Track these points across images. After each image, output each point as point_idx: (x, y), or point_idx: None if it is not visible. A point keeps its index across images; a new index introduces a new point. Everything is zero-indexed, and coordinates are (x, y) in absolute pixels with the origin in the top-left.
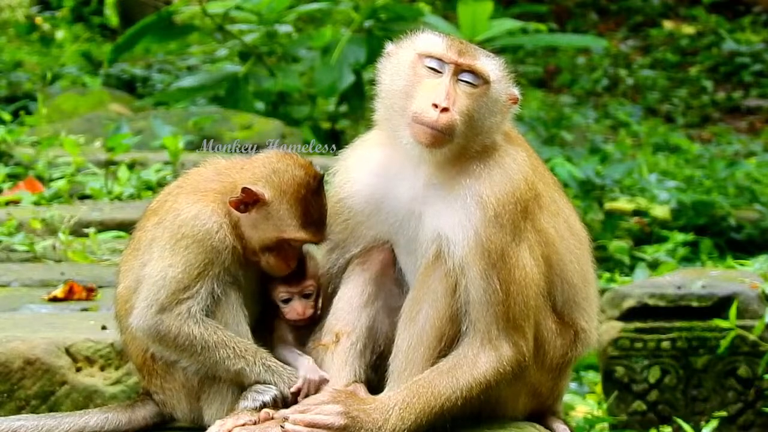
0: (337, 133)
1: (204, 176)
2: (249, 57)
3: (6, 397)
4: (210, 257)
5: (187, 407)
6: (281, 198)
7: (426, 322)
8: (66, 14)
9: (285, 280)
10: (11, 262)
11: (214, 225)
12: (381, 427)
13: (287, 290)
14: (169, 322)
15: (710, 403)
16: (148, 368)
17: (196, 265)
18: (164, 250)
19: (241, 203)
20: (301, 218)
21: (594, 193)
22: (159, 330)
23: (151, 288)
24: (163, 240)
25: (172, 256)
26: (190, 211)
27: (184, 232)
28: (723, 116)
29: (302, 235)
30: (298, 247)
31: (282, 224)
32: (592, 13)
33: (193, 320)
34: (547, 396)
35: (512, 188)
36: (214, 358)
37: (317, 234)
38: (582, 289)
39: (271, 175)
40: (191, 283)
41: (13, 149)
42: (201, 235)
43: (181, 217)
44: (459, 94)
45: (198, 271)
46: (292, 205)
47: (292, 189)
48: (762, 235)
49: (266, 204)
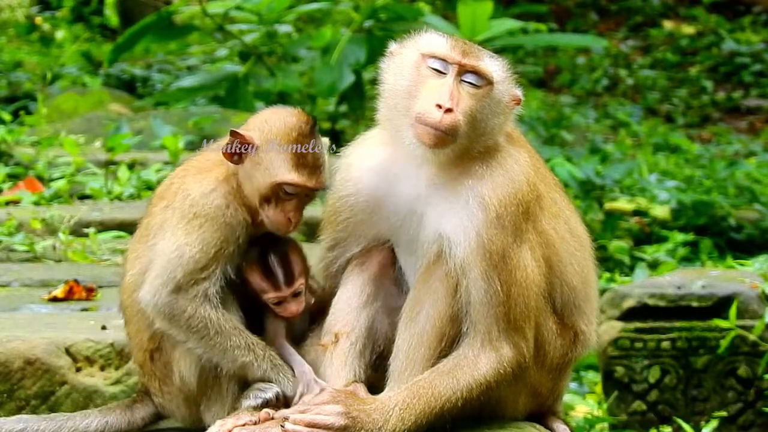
0: (337, 133)
1: (207, 157)
2: (249, 57)
3: (6, 397)
4: (225, 234)
5: (186, 411)
6: (272, 141)
7: (426, 323)
8: (66, 14)
9: (273, 284)
10: (11, 262)
11: (224, 201)
12: (381, 427)
13: (277, 295)
14: (184, 303)
15: (710, 403)
16: (148, 369)
17: (213, 244)
18: (177, 229)
19: (235, 153)
20: (292, 160)
21: (594, 193)
22: (173, 310)
23: (166, 266)
24: (174, 220)
25: (187, 235)
26: (199, 189)
27: (196, 211)
28: (723, 116)
29: (294, 178)
30: (298, 198)
31: (274, 168)
32: (592, 13)
33: (209, 303)
34: (547, 396)
35: (514, 189)
36: (225, 345)
37: (311, 177)
38: (582, 292)
39: (262, 123)
40: (209, 262)
41: (13, 149)
42: (213, 212)
43: (191, 196)
44: (462, 94)
45: (215, 250)
46: (281, 148)
47: (282, 132)
48: (762, 235)
49: (257, 148)
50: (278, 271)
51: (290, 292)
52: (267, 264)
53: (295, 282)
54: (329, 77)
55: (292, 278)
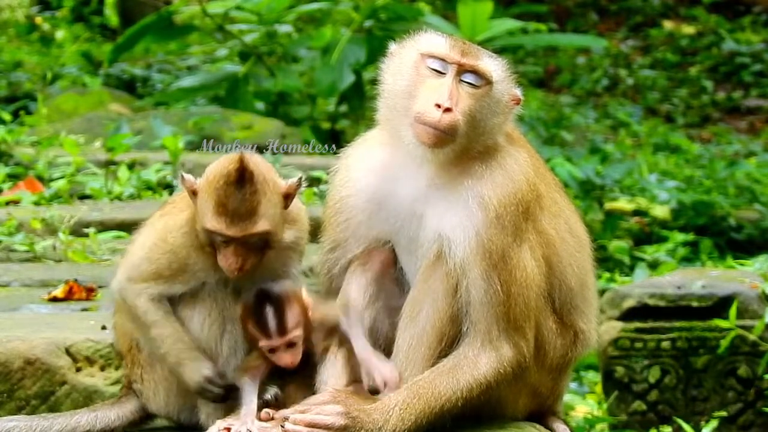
0: (337, 133)
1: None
2: (249, 57)
3: (6, 397)
4: (180, 267)
5: (163, 401)
6: (205, 186)
7: (426, 323)
8: (66, 14)
9: (264, 332)
10: (11, 262)
11: (182, 240)
12: (381, 427)
13: (269, 344)
14: (130, 290)
15: (710, 403)
16: (133, 356)
17: (165, 270)
18: (149, 240)
19: (191, 192)
20: (214, 206)
21: (594, 193)
22: (121, 294)
23: (131, 261)
24: (154, 230)
25: (151, 252)
26: (175, 220)
27: (165, 237)
28: (723, 116)
29: (214, 224)
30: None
31: (203, 212)
32: (592, 13)
33: (146, 296)
34: (547, 396)
35: (514, 189)
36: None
37: (231, 226)
38: (580, 292)
39: (209, 167)
40: (159, 278)
41: (13, 149)
42: (173, 248)
43: (170, 223)
44: (462, 94)
45: (169, 273)
46: (209, 193)
47: (213, 178)
48: (762, 235)
49: (197, 192)
50: (271, 319)
51: (282, 342)
52: (261, 310)
53: (288, 333)
54: (329, 77)
55: (285, 328)
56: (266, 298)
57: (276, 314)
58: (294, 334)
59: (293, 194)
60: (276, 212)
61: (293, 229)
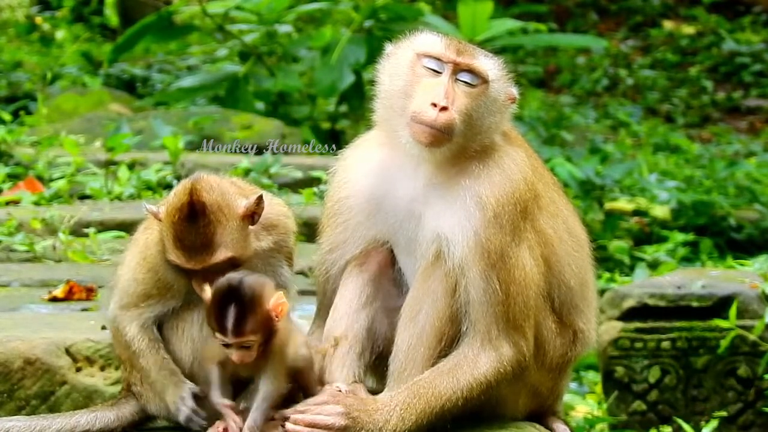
0: (337, 133)
1: None
2: (249, 57)
3: (6, 397)
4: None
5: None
6: (165, 220)
7: (426, 323)
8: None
9: (221, 329)
10: (11, 262)
11: (160, 258)
12: (382, 427)
13: (222, 339)
14: (122, 319)
15: (710, 403)
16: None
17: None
18: (133, 260)
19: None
20: (172, 241)
21: (594, 193)
22: (114, 323)
23: (121, 286)
24: (137, 248)
25: (136, 272)
26: (153, 236)
27: (146, 255)
28: (723, 116)
29: (174, 258)
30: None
31: (165, 245)
32: (592, 13)
33: (138, 324)
34: (547, 396)
35: (512, 189)
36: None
37: (190, 260)
38: (579, 292)
39: (169, 197)
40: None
41: (13, 149)
42: (153, 266)
43: (151, 237)
44: (458, 93)
45: (154, 292)
46: (168, 228)
47: (170, 212)
48: (762, 235)
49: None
50: (230, 318)
51: (235, 342)
52: (224, 306)
53: (243, 335)
54: (329, 77)
55: (242, 331)
56: (233, 295)
57: (236, 315)
58: (249, 338)
59: (256, 212)
60: (235, 237)
61: (272, 234)
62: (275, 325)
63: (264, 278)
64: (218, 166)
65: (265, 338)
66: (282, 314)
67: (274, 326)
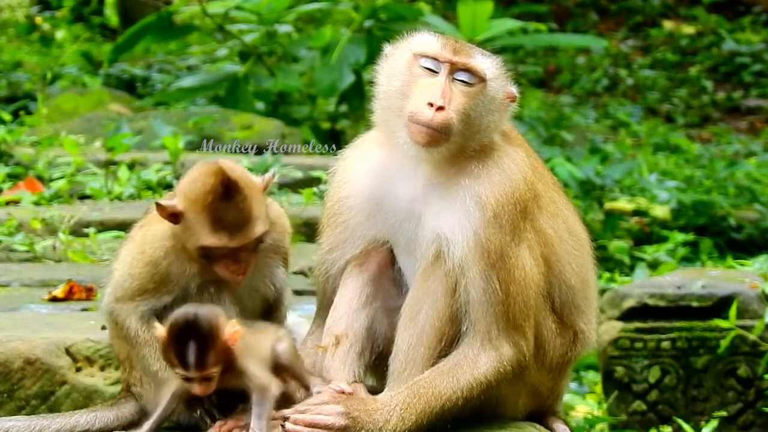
0: (337, 133)
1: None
2: (249, 57)
3: (6, 397)
4: (162, 277)
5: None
6: (192, 207)
7: (426, 322)
8: (66, 14)
9: (182, 364)
10: (11, 262)
11: (162, 252)
12: (382, 427)
13: (183, 373)
14: (119, 311)
15: (710, 403)
16: (131, 361)
17: (148, 281)
18: (129, 255)
19: (170, 216)
20: (211, 225)
21: (594, 193)
22: (112, 316)
23: (115, 280)
24: (133, 244)
25: (132, 267)
26: (154, 232)
27: (144, 249)
28: (723, 116)
29: (215, 241)
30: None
31: (197, 233)
32: (592, 13)
33: (136, 316)
34: (547, 396)
35: (511, 188)
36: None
37: (233, 238)
38: (580, 291)
39: (186, 186)
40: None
41: (13, 149)
42: (153, 260)
43: (148, 234)
44: (455, 92)
45: (151, 286)
46: (200, 213)
47: (200, 197)
48: (762, 235)
49: (183, 215)
50: (191, 353)
51: (198, 376)
52: (183, 341)
53: (206, 368)
54: (329, 77)
55: (204, 364)
56: (191, 329)
57: (197, 350)
58: (211, 371)
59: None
60: (264, 210)
61: (271, 232)
62: (233, 353)
63: (215, 308)
64: None
65: (225, 367)
66: (236, 342)
67: (232, 354)
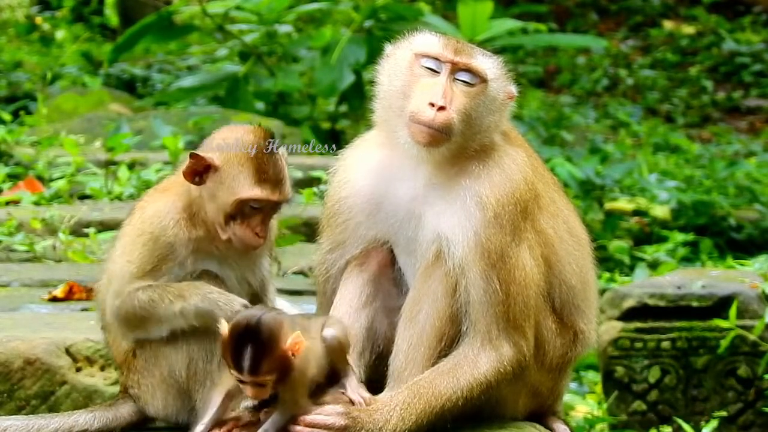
0: (337, 133)
1: (171, 178)
2: (249, 57)
3: (6, 397)
4: (164, 252)
5: (161, 403)
6: (231, 160)
7: (426, 322)
8: (66, 14)
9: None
10: (11, 262)
11: (171, 221)
12: (382, 427)
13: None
14: (124, 303)
15: (710, 403)
16: (128, 364)
17: (149, 261)
18: (125, 246)
19: (195, 173)
20: (253, 176)
21: (594, 193)
22: (119, 313)
23: (113, 282)
24: (127, 236)
25: (131, 252)
26: (153, 208)
27: (144, 228)
28: (723, 116)
29: (257, 193)
30: (263, 213)
31: (236, 185)
32: (592, 13)
33: (141, 291)
34: (547, 396)
35: (512, 189)
36: (161, 310)
37: (274, 190)
38: (580, 291)
39: (220, 142)
40: (144, 275)
41: (13, 149)
42: (157, 231)
43: (144, 214)
44: (456, 92)
45: (151, 266)
46: (242, 165)
47: (242, 150)
48: (762, 235)
49: (217, 169)
50: (247, 358)
51: (251, 381)
52: (241, 344)
53: (259, 375)
54: (329, 77)
55: (258, 370)
56: (251, 333)
57: (253, 355)
58: (265, 378)
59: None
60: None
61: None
62: (291, 364)
63: (281, 316)
64: None
65: (281, 376)
66: (299, 352)
67: (291, 364)
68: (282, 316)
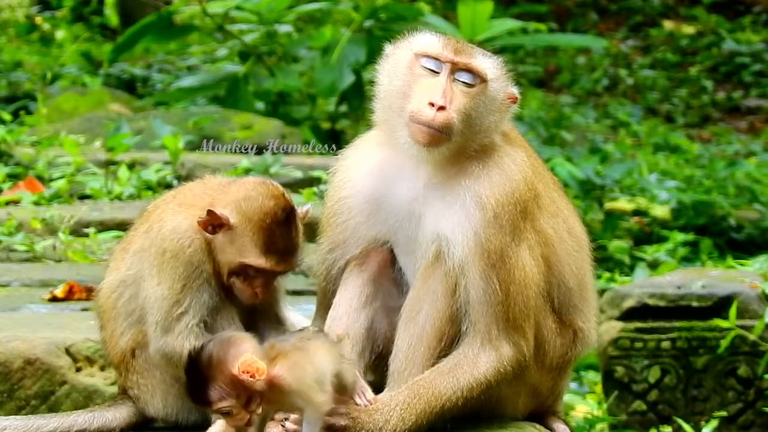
0: (337, 133)
1: (194, 191)
2: (249, 57)
3: (6, 397)
4: (188, 270)
5: (161, 404)
6: (246, 224)
7: (426, 322)
8: (66, 14)
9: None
10: (11, 262)
11: (188, 240)
12: (382, 427)
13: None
14: (173, 342)
15: (710, 403)
16: (127, 365)
17: (177, 279)
18: (153, 268)
19: (209, 225)
20: (263, 246)
21: (594, 193)
22: (166, 352)
23: (152, 312)
24: (151, 255)
25: (159, 274)
26: (171, 224)
27: (165, 246)
28: (723, 116)
29: (263, 263)
30: (266, 277)
31: (244, 249)
32: (592, 13)
33: (193, 335)
34: (547, 396)
35: (511, 189)
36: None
37: (280, 263)
38: (579, 292)
39: (241, 201)
40: (178, 297)
41: (13, 149)
42: (177, 249)
43: (163, 229)
44: (456, 92)
45: (181, 284)
46: (255, 233)
47: (257, 217)
48: (762, 235)
49: (231, 228)
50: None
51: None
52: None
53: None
54: (329, 77)
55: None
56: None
57: (198, 386)
58: (222, 405)
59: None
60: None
61: None
62: (253, 386)
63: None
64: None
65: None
66: (259, 374)
67: (252, 387)
68: (237, 339)
